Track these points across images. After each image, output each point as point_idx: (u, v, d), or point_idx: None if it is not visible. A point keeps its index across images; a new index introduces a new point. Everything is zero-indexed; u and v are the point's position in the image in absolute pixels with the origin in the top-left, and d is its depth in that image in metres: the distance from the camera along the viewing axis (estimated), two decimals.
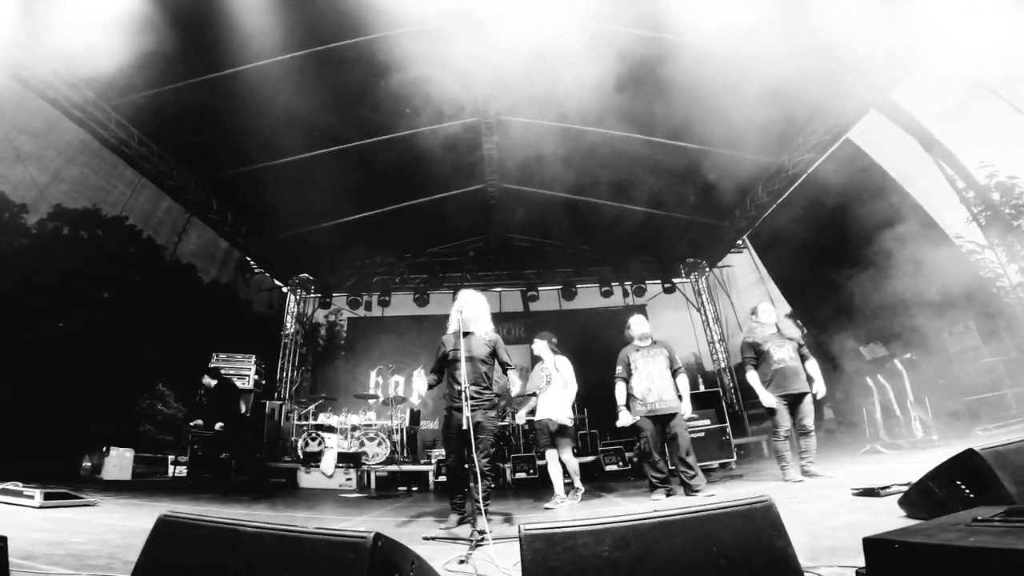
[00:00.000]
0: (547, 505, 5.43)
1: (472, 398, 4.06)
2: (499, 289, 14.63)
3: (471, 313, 4.54)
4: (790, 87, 7.19)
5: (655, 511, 1.72)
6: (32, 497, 4.27)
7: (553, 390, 5.91)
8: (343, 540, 1.54)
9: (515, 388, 4.63)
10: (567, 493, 5.69)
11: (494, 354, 4.61)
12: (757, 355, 5.61)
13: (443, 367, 4.59)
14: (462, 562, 2.75)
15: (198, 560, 1.65)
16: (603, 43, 7.16)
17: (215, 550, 1.64)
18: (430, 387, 4.63)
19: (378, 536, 1.54)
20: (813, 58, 6.98)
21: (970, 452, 2.35)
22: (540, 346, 6.18)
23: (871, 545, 1.49)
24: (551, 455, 5.77)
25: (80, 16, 6.24)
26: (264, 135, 8.66)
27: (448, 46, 7.27)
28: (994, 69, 8.53)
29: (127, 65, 6.80)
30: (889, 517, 2.70)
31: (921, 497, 2.61)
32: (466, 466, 3.97)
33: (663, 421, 5.30)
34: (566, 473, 5.87)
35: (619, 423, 5.43)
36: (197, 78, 7.53)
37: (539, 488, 7.62)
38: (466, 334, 4.38)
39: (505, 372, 4.64)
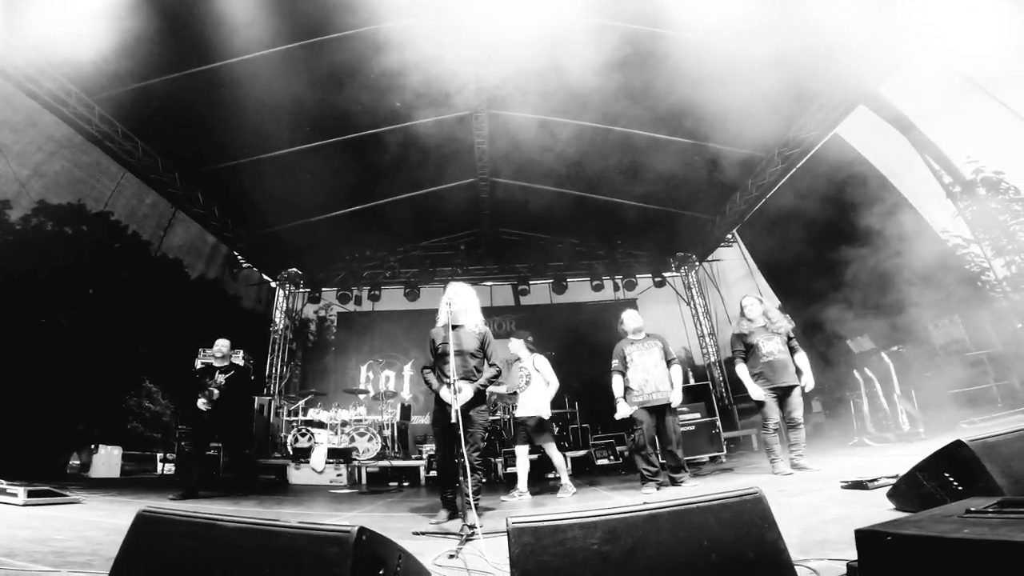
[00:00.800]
0: (504, 497, 5.47)
1: (461, 391, 4.04)
2: (490, 283, 14.57)
3: (460, 305, 4.51)
4: (782, 81, 7.19)
5: (645, 504, 1.69)
6: (15, 495, 4.23)
7: (533, 389, 5.97)
8: (326, 535, 1.50)
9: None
10: (558, 490, 5.75)
11: (483, 347, 4.58)
12: (746, 348, 5.64)
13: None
14: (452, 557, 2.72)
15: (178, 556, 1.61)
16: (596, 37, 7.12)
17: (195, 545, 1.60)
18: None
19: (362, 530, 1.50)
20: (806, 52, 6.99)
21: (958, 444, 2.32)
22: (516, 345, 6.24)
23: (863, 537, 1.47)
24: (521, 451, 5.89)
25: (62, 9, 6.12)
26: (251, 129, 8.55)
27: (439, 39, 7.22)
28: (986, 66, 8.56)
29: (110, 58, 6.69)
30: (878, 510, 2.69)
31: (910, 489, 2.60)
32: (457, 460, 3.94)
33: (659, 412, 5.35)
34: (552, 468, 5.90)
35: (618, 415, 5.48)
36: (182, 72, 7.41)
37: (532, 483, 7.60)
38: (455, 327, 4.35)
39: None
